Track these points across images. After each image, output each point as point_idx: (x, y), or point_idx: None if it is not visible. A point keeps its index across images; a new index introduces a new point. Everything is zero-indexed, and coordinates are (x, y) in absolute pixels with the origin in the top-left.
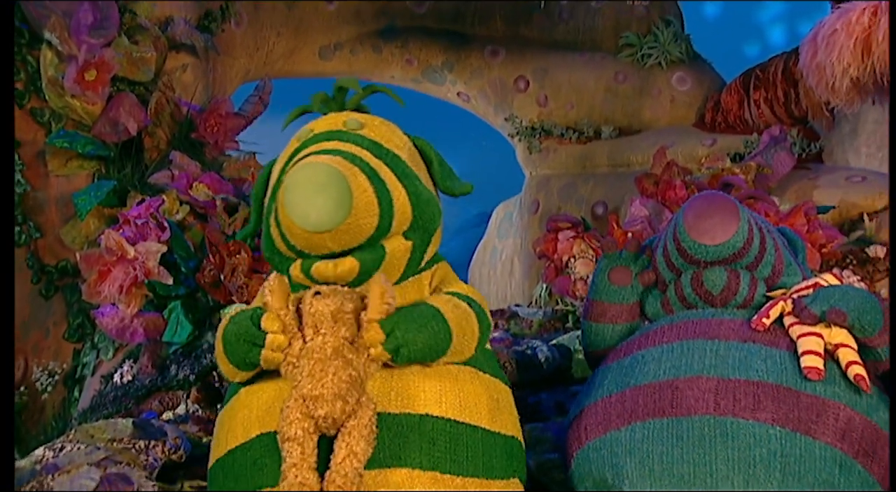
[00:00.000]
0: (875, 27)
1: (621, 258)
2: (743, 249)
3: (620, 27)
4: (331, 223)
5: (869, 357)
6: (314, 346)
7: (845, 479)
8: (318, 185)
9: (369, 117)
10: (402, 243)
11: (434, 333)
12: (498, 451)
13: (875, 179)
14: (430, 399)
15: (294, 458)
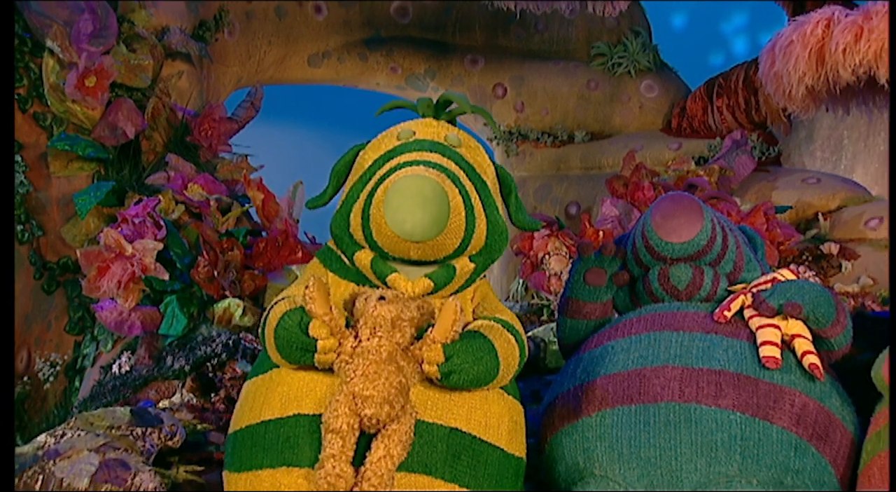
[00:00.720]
0: (828, 38)
1: (597, 260)
2: (707, 246)
3: (592, 37)
4: (423, 236)
5: (822, 347)
6: (370, 347)
7: (800, 461)
8: (423, 198)
9: (466, 136)
10: (467, 265)
11: (486, 367)
12: (510, 472)
13: (829, 181)
14: (460, 414)
15: (334, 449)
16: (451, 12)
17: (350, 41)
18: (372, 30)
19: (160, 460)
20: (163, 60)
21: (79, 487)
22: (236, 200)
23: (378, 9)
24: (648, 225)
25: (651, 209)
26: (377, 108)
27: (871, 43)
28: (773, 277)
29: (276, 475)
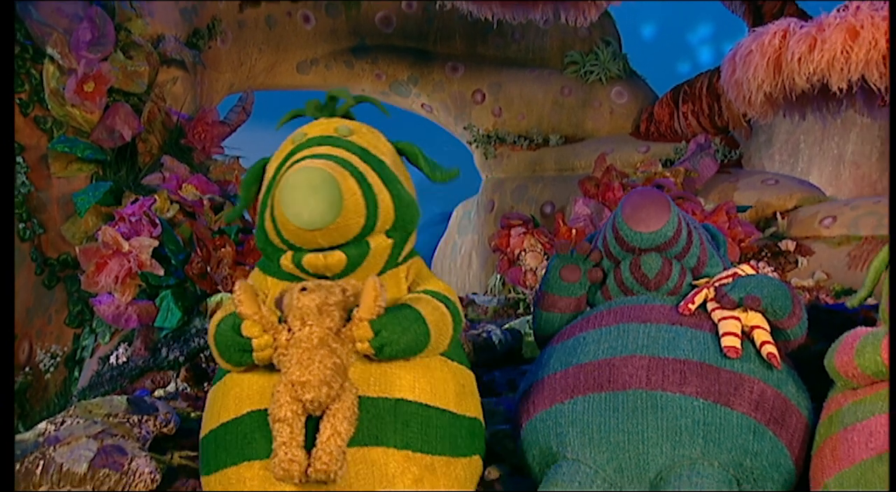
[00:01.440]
0: (784, 48)
1: (572, 258)
2: (673, 238)
3: (566, 46)
4: (322, 222)
5: (780, 337)
6: (302, 336)
7: (758, 444)
8: (312, 187)
9: (358, 124)
10: (384, 241)
11: (415, 335)
12: (463, 432)
13: (786, 182)
14: (404, 385)
15: (284, 437)
16: (433, 22)
17: (337, 49)
18: (357, 38)
19: (156, 446)
20: (158, 67)
21: (78, 471)
22: (228, 200)
23: (363, 18)
24: (619, 217)
25: (621, 203)
26: (362, 114)
27: (824, 52)
28: (734, 272)
29: (240, 471)
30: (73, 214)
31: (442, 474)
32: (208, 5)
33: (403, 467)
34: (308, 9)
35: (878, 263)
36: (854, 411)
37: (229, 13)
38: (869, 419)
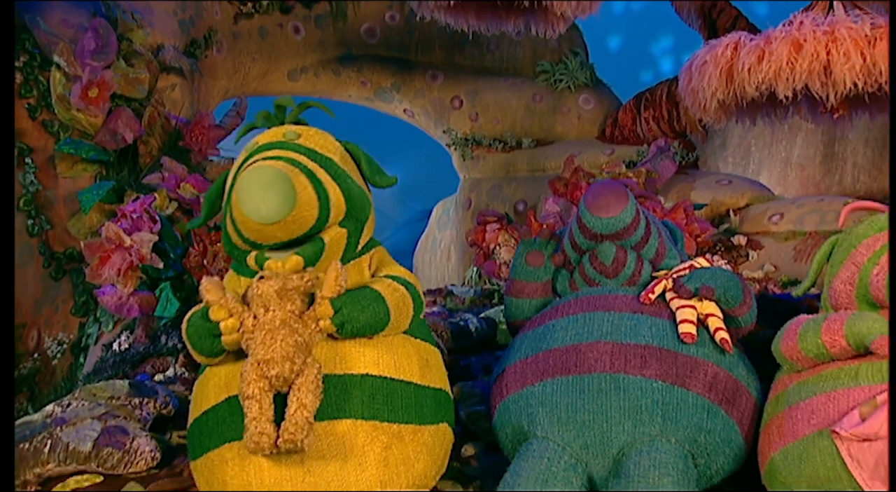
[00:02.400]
0: (736, 59)
1: (536, 244)
2: (631, 225)
3: (537, 56)
4: (279, 215)
5: (732, 324)
6: (265, 320)
7: (711, 422)
8: (266, 184)
9: (305, 128)
10: (338, 232)
11: (375, 313)
12: (428, 401)
13: (739, 182)
14: (368, 362)
15: (253, 413)
16: (414, 33)
17: (325, 58)
18: (344, 48)
19: (156, 426)
20: (158, 74)
21: (83, 450)
22: None
23: (349, 30)
24: (582, 207)
25: (585, 194)
26: (348, 119)
27: (772, 63)
28: (691, 265)
29: (222, 452)
30: (78, 211)
31: (409, 441)
32: (205, 17)
33: (372, 437)
34: (298, 21)
35: (820, 257)
36: (798, 391)
37: (224, 25)
38: (811, 398)
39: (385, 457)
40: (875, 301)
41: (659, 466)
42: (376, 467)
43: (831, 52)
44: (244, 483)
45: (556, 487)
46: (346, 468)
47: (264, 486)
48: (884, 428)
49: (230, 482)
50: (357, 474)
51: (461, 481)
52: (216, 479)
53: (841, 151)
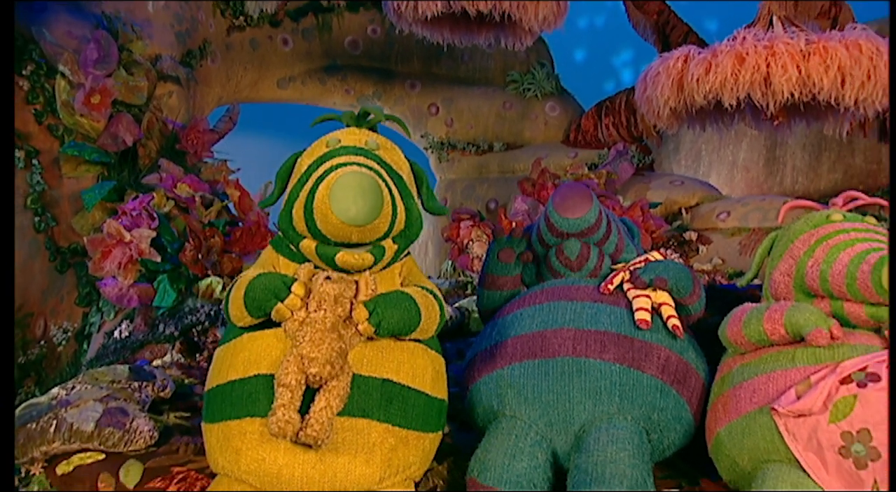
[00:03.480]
0: (686, 71)
1: (508, 242)
2: (595, 224)
3: (507, 67)
4: (365, 221)
5: (683, 312)
6: (317, 317)
7: (664, 401)
8: (363, 190)
9: (383, 140)
10: (392, 245)
11: (406, 311)
12: (434, 411)
13: (690, 183)
14: (391, 368)
15: (284, 400)
16: (394, 45)
17: (311, 68)
18: (329, 59)
19: (154, 408)
20: (156, 82)
21: (86, 430)
22: (217, 197)
23: (334, 42)
24: (550, 207)
25: (552, 195)
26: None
27: (717, 75)
28: (646, 258)
29: (242, 424)
30: (81, 209)
31: (413, 446)
32: (200, 30)
33: (383, 438)
34: (287, 33)
35: (762, 251)
36: (741, 372)
37: (218, 37)
38: (753, 379)
39: (390, 457)
40: (810, 290)
41: (616, 441)
42: (380, 465)
43: (770, 64)
44: (257, 458)
45: (523, 461)
46: (355, 462)
47: (276, 465)
48: (816, 405)
49: (244, 453)
50: (363, 469)
51: (436, 457)
52: (230, 446)
53: (781, 155)
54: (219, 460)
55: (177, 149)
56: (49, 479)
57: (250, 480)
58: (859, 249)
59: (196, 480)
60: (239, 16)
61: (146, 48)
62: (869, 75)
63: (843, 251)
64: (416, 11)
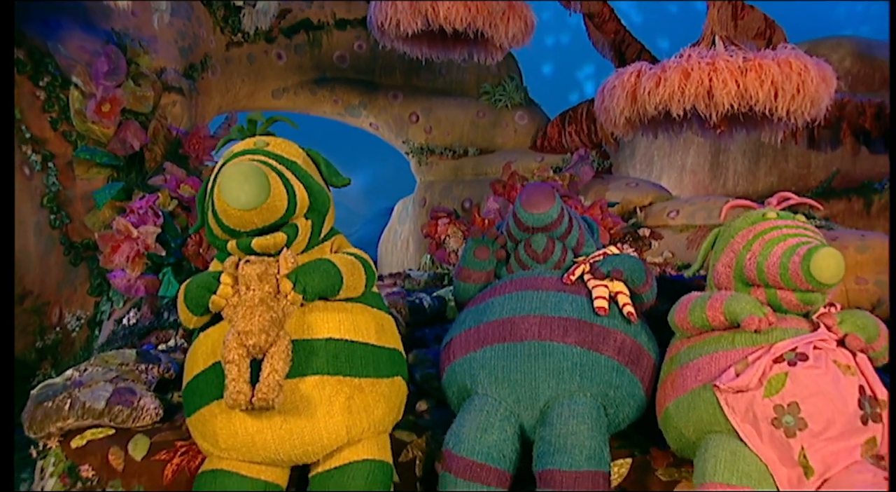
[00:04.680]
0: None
1: (483, 241)
2: (557, 219)
3: (480, 80)
4: (256, 202)
5: (636, 300)
6: (246, 297)
7: (619, 379)
8: (245, 175)
9: (273, 138)
10: (304, 222)
11: (326, 272)
12: (384, 358)
13: (644, 185)
14: (331, 328)
15: (233, 375)
16: (378, 60)
17: (303, 80)
18: (319, 72)
19: (159, 387)
20: (161, 93)
21: (97, 407)
22: None
23: (324, 56)
24: (517, 204)
25: (520, 193)
26: (322, 131)
27: (666, 88)
28: (604, 252)
29: (211, 409)
30: (93, 207)
31: (369, 392)
32: (201, 45)
33: (337, 389)
34: (281, 48)
35: (706, 245)
36: (688, 353)
37: (218, 51)
38: (698, 359)
39: (349, 405)
40: (748, 280)
41: (577, 415)
42: (342, 414)
43: (713, 79)
44: (231, 433)
45: (493, 434)
46: (317, 416)
47: (248, 435)
48: (752, 381)
49: (219, 433)
50: (326, 421)
51: (416, 431)
52: (208, 430)
53: (724, 160)
54: (203, 444)
55: (180, 153)
56: (64, 451)
57: (232, 454)
58: (791, 243)
59: (197, 453)
60: (237, 33)
61: (152, 62)
62: (798, 89)
63: (777, 245)
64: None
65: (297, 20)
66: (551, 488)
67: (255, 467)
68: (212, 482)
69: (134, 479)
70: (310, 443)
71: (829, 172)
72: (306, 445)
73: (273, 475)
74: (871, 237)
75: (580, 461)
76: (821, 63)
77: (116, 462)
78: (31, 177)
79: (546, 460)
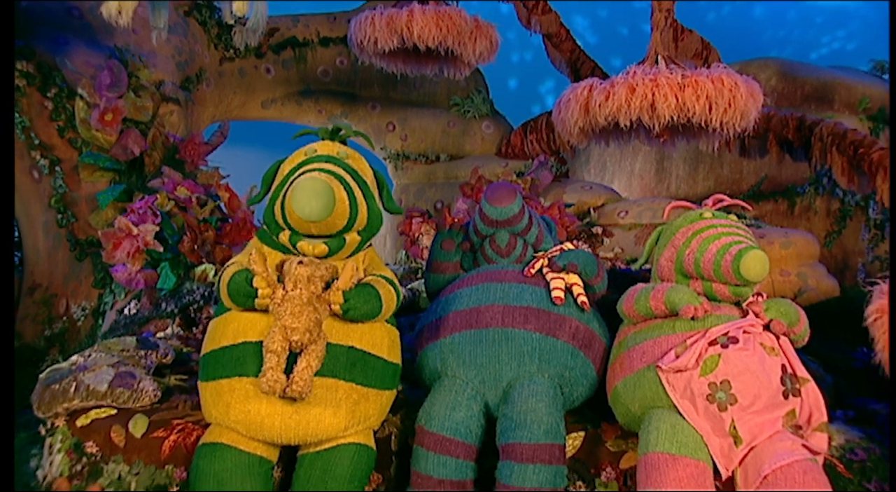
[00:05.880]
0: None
1: (449, 234)
2: (518, 214)
3: (451, 93)
4: (317, 218)
5: (590, 291)
6: (295, 295)
7: (573, 361)
8: (316, 192)
9: (352, 151)
10: (355, 237)
11: (373, 306)
12: (389, 373)
13: (597, 188)
14: (355, 338)
15: (272, 363)
16: (358, 74)
17: (290, 92)
18: (304, 85)
19: (157, 371)
20: (159, 103)
21: (100, 390)
22: (210, 198)
23: (309, 71)
24: (483, 200)
25: (485, 191)
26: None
27: (614, 101)
28: (561, 248)
29: (232, 383)
30: (96, 207)
31: (372, 401)
32: (197, 60)
33: (348, 394)
34: (269, 63)
35: (650, 241)
36: (634, 338)
37: (212, 66)
38: (643, 343)
39: (353, 410)
40: (687, 273)
41: (536, 394)
42: (345, 416)
43: (655, 94)
44: (244, 410)
45: (461, 411)
46: (324, 413)
47: (260, 416)
48: (690, 362)
49: (233, 406)
50: (331, 419)
51: (392, 409)
52: (222, 400)
53: (668, 166)
54: (212, 411)
55: (177, 158)
56: (70, 430)
57: (238, 428)
58: (724, 241)
59: (192, 430)
60: (229, 49)
61: (151, 75)
62: (730, 103)
63: (713, 243)
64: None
65: (285, 38)
66: (513, 460)
67: (251, 443)
68: (211, 454)
69: (134, 454)
70: (311, 434)
71: (759, 177)
72: (307, 435)
73: (267, 452)
74: (793, 234)
75: (538, 435)
76: (749, 80)
77: (118, 439)
78: (39, 180)
79: (508, 434)
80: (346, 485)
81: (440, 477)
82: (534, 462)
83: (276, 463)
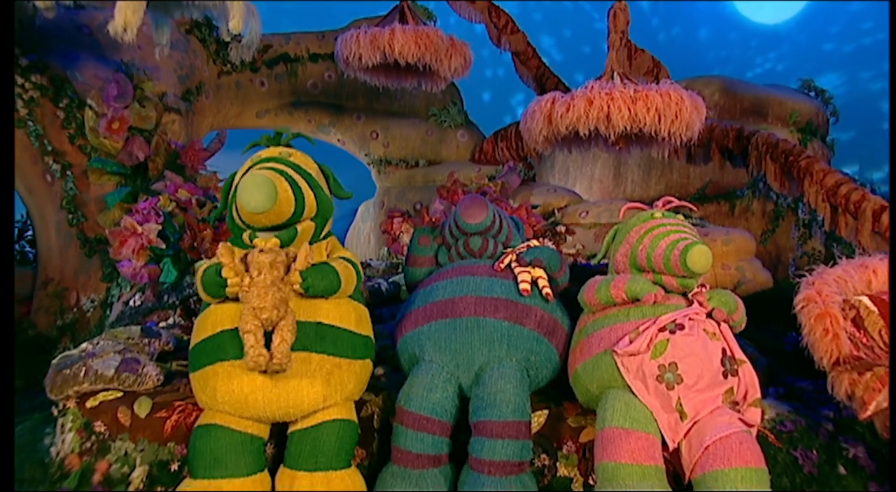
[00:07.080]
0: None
1: (425, 231)
2: (490, 226)
3: (429, 104)
4: (263, 208)
5: (553, 283)
6: (259, 280)
7: (539, 347)
8: (256, 184)
9: (294, 151)
10: (309, 224)
11: (330, 281)
12: (359, 343)
13: (561, 191)
14: (322, 313)
15: (251, 342)
16: (344, 87)
17: (282, 103)
18: (296, 96)
19: (160, 358)
20: (162, 113)
21: (108, 374)
22: (209, 199)
23: (299, 84)
24: (457, 213)
25: (459, 204)
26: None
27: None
28: (528, 244)
29: (215, 368)
30: (104, 208)
31: (346, 370)
32: (197, 73)
33: (320, 365)
34: (263, 77)
35: (608, 239)
36: (593, 325)
37: (211, 79)
38: (600, 330)
39: (328, 379)
40: (640, 267)
41: (504, 377)
42: (322, 385)
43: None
44: (229, 391)
45: (437, 393)
46: (301, 384)
47: (243, 394)
48: (642, 347)
49: (219, 389)
50: (308, 389)
51: (374, 392)
52: (208, 386)
53: (624, 171)
54: (202, 397)
55: (178, 163)
56: (80, 411)
57: (227, 408)
58: (673, 238)
59: (192, 411)
60: (227, 64)
61: (155, 87)
62: (676, 115)
63: (663, 240)
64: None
65: (277, 54)
66: (484, 436)
67: (243, 422)
68: (206, 434)
69: (139, 433)
70: (292, 406)
71: (704, 182)
72: (289, 407)
73: (257, 430)
74: (733, 233)
75: (507, 413)
76: (694, 95)
77: (124, 419)
78: (52, 183)
79: (480, 413)
80: (335, 458)
81: (418, 452)
82: (503, 438)
83: (267, 440)
